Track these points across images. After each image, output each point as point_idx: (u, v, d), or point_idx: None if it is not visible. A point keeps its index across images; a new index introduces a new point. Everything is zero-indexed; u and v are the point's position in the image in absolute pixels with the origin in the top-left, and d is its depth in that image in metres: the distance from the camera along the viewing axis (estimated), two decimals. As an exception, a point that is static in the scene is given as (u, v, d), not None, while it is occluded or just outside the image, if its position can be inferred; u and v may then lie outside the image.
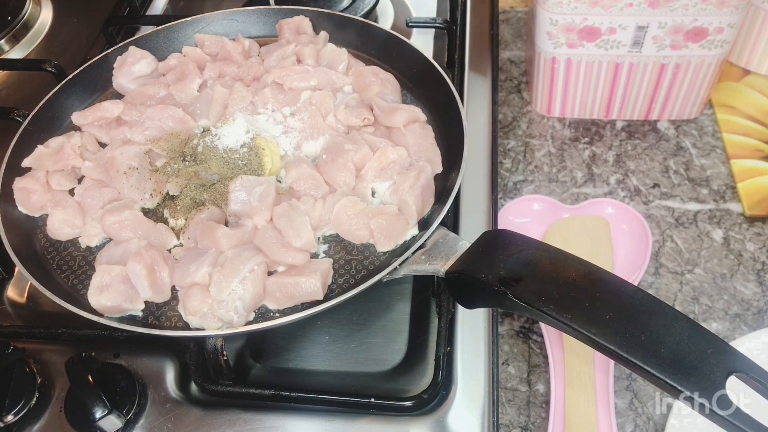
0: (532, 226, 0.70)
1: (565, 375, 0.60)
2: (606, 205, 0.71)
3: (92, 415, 0.46)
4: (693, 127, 0.80)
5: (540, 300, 0.40)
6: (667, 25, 0.69)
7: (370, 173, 0.55)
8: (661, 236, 0.71)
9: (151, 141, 0.59)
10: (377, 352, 0.54)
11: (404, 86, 0.63)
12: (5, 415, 0.48)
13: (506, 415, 0.60)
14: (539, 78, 0.78)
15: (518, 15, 0.95)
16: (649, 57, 0.73)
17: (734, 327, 0.64)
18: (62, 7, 0.88)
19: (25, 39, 0.84)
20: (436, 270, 0.47)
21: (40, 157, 0.59)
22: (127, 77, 0.65)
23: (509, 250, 0.44)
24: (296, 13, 0.69)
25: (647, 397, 0.60)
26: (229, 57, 0.67)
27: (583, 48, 0.73)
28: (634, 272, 0.66)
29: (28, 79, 0.79)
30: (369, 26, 0.67)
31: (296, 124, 0.59)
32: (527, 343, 0.64)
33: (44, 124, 0.62)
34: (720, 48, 0.71)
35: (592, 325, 0.39)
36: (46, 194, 0.57)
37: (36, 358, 0.52)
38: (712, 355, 0.37)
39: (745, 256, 0.69)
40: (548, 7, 0.69)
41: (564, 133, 0.81)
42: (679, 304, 0.66)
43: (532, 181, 0.77)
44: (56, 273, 0.54)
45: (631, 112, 0.80)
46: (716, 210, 0.72)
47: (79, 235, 0.56)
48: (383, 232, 0.51)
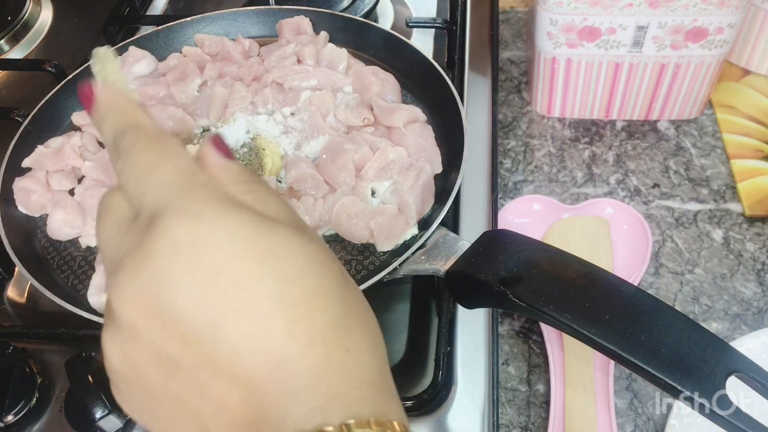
0: (532, 226, 0.70)
1: (565, 375, 0.60)
2: (606, 205, 0.71)
3: (92, 415, 0.46)
4: (693, 127, 0.80)
5: (540, 300, 0.40)
6: (667, 25, 0.69)
7: (370, 173, 0.55)
8: (661, 236, 0.71)
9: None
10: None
11: (404, 86, 0.63)
12: (5, 415, 0.48)
13: (506, 415, 0.60)
14: (539, 78, 0.78)
15: (518, 15, 0.95)
16: (649, 57, 0.73)
17: (734, 327, 0.64)
18: (62, 7, 0.88)
19: (25, 39, 0.84)
20: (436, 270, 0.47)
21: (40, 157, 0.59)
22: (127, 77, 0.65)
23: (509, 250, 0.44)
24: (296, 13, 0.69)
25: (647, 397, 0.60)
26: (229, 57, 0.67)
27: (583, 48, 0.73)
28: (634, 272, 0.66)
29: (28, 79, 0.79)
30: (369, 26, 0.67)
31: (296, 124, 0.59)
32: (527, 343, 0.64)
33: (44, 124, 0.62)
34: (720, 48, 0.71)
35: (592, 325, 0.39)
36: (46, 194, 0.57)
37: (36, 358, 0.52)
38: (712, 355, 0.37)
39: (745, 256, 0.69)
40: (548, 7, 0.69)
41: (564, 133, 0.81)
42: (679, 304, 0.66)
43: (532, 181, 0.77)
44: (56, 273, 0.54)
45: (631, 112, 0.80)
46: (716, 210, 0.72)
47: (79, 235, 0.56)
48: (383, 232, 0.51)
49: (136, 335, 0.25)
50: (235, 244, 0.24)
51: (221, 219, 0.25)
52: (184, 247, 0.24)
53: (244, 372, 0.24)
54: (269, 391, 0.24)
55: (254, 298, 0.24)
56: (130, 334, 0.25)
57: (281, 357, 0.24)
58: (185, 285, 0.24)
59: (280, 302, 0.24)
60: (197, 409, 0.25)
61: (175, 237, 0.24)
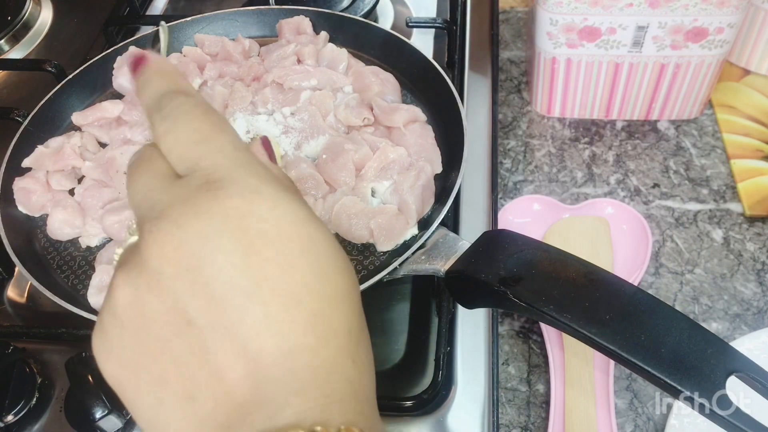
0: (532, 226, 0.70)
1: (565, 375, 0.60)
2: (606, 205, 0.71)
3: (92, 415, 0.46)
4: (693, 127, 0.80)
5: (540, 300, 0.40)
6: (667, 25, 0.69)
7: (370, 173, 0.55)
8: (661, 236, 0.71)
9: (151, 141, 0.59)
10: (377, 352, 0.53)
11: (404, 86, 0.63)
12: (5, 415, 0.48)
13: (506, 415, 0.60)
14: (539, 78, 0.78)
15: (518, 15, 0.95)
16: (649, 57, 0.73)
17: (734, 327, 0.64)
18: (62, 7, 0.88)
19: (25, 39, 0.84)
20: (436, 270, 0.47)
21: (40, 157, 0.59)
22: (127, 77, 0.65)
23: (509, 250, 0.44)
24: (296, 13, 0.69)
25: (647, 397, 0.60)
26: (229, 57, 0.67)
27: (583, 48, 0.73)
28: (634, 272, 0.66)
29: (28, 79, 0.79)
30: (369, 26, 0.67)
31: (296, 124, 0.59)
32: (527, 343, 0.64)
33: (44, 124, 0.62)
34: (720, 48, 0.71)
35: (592, 325, 0.39)
36: (46, 194, 0.57)
37: (36, 358, 0.52)
38: (712, 355, 0.37)
39: (745, 256, 0.69)
40: (548, 7, 0.69)
41: (564, 133, 0.81)
42: (679, 304, 0.66)
43: (532, 181, 0.77)
44: (56, 273, 0.54)
45: (631, 112, 0.80)
46: (716, 210, 0.72)
47: (79, 235, 0.56)
48: (383, 232, 0.51)
49: (158, 282, 0.24)
50: (285, 226, 0.25)
51: (277, 199, 0.26)
52: (237, 215, 0.24)
53: (256, 349, 0.24)
54: (274, 376, 0.24)
55: (290, 282, 0.24)
56: (152, 279, 0.24)
57: (297, 347, 0.24)
58: (229, 249, 0.24)
59: (311, 295, 0.25)
60: (193, 373, 0.24)
61: (231, 204, 0.25)
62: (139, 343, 0.25)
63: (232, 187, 0.25)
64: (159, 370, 0.24)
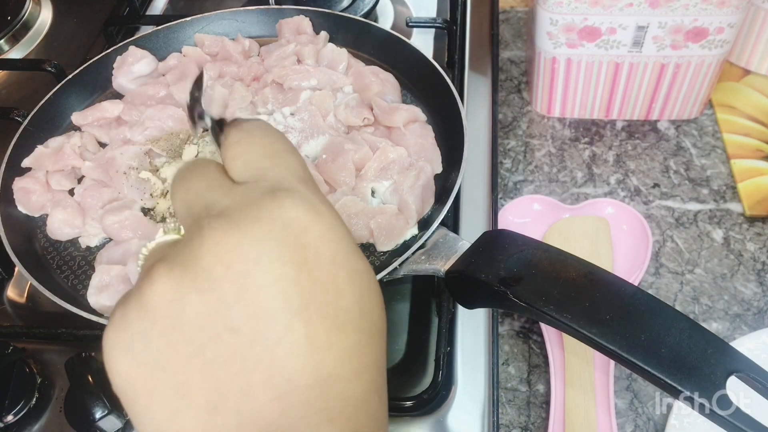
0: (532, 226, 0.70)
1: (565, 375, 0.60)
2: (606, 205, 0.71)
3: (92, 415, 0.46)
4: (693, 127, 0.80)
5: (540, 300, 0.40)
6: (667, 25, 0.69)
7: (370, 173, 0.55)
8: (662, 236, 0.71)
9: (151, 141, 0.59)
10: (377, 352, 0.54)
11: (404, 86, 0.63)
12: (5, 415, 0.48)
13: (506, 415, 0.60)
14: (539, 78, 0.78)
15: (518, 15, 0.95)
16: (649, 57, 0.73)
17: (734, 327, 0.64)
18: (62, 7, 0.88)
19: (25, 39, 0.83)
20: (436, 270, 0.47)
21: (40, 157, 0.59)
22: (127, 77, 0.65)
23: (509, 250, 0.44)
24: (296, 13, 0.69)
25: (647, 397, 0.60)
26: (229, 57, 0.67)
27: (583, 48, 0.73)
28: (634, 272, 0.66)
29: (28, 79, 0.79)
30: (369, 26, 0.67)
31: (296, 124, 0.59)
32: (527, 343, 0.64)
33: (44, 124, 0.62)
34: (720, 48, 0.71)
35: (592, 325, 0.39)
36: (46, 194, 0.57)
37: (36, 358, 0.52)
38: (712, 355, 0.37)
39: (745, 256, 0.69)
40: (548, 7, 0.69)
41: (564, 133, 0.81)
42: (679, 304, 0.66)
43: (532, 181, 0.77)
44: (56, 273, 0.54)
45: (631, 112, 0.80)
46: (716, 210, 0.72)
47: (79, 235, 0.56)
48: (383, 232, 0.51)
49: (205, 282, 0.23)
50: (337, 250, 0.25)
51: (334, 222, 0.26)
52: (298, 228, 0.25)
53: (291, 369, 0.23)
54: (306, 401, 0.23)
55: (336, 308, 0.24)
56: (199, 278, 0.23)
57: (333, 376, 0.24)
58: (284, 260, 0.24)
59: (352, 323, 0.25)
60: (221, 384, 0.23)
61: (293, 215, 0.25)
62: (169, 343, 0.23)
63: (297, 199, 0.25)
64: (184, 374, 0.23)
